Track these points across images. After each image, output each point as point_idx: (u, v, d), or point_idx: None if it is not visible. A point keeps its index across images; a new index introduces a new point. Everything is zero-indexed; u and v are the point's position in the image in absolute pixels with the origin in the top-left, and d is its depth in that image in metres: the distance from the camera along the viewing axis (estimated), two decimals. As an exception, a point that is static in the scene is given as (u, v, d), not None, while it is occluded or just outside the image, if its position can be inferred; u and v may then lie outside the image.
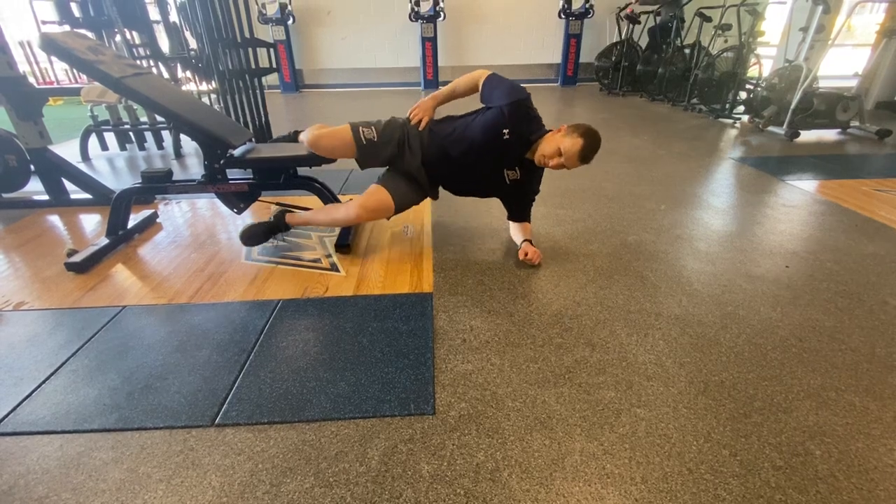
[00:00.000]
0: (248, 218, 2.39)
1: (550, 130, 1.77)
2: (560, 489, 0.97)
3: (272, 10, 6.48)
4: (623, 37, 6.31)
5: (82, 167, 3.19)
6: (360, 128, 1.87)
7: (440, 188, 2.04)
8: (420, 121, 1.88)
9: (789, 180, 2.88)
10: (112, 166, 3.46)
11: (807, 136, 3.96)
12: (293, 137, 2.20)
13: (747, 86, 4.62)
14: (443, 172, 1.92)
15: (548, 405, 1.19)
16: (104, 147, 3.81)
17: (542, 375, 1.29)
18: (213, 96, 3.91)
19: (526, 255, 1.85)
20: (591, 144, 1.66)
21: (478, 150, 1.80)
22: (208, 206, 2.59)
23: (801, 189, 2.74)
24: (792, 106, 3.87)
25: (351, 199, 1.90)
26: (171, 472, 1.02)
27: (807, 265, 1.87)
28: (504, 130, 1.74)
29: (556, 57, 7.38)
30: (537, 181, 1.96)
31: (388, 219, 2.04)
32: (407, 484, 0.98)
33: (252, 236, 1.93)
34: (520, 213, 2.01)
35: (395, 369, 1.31)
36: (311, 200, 2.17)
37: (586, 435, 1.10)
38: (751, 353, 1.38)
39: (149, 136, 3.91)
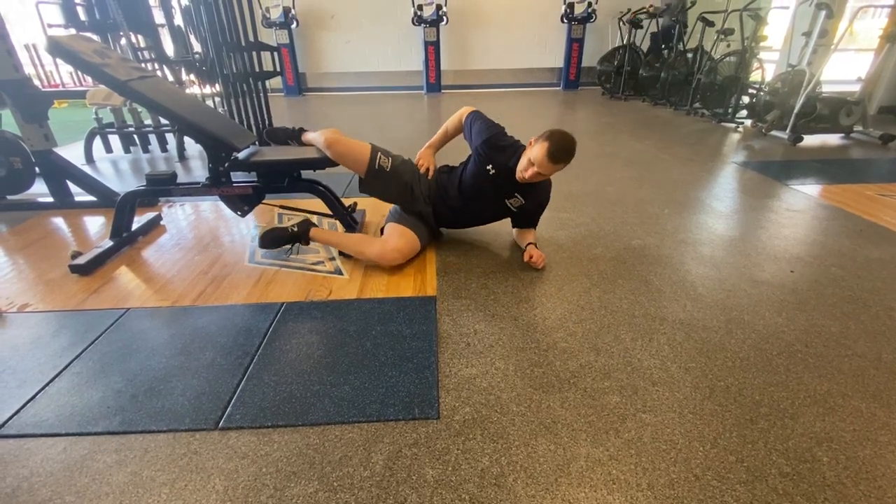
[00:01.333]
0: (250, 220, 2.40)
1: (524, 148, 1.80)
2: (566, 495, 0.97)
3: (276, 13, 6.51)
4: (625, 41, 6.32)
5: (87, 169, 3.19)
6: (380, 153, 1.94)
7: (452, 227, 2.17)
8: (428, 170, 2.00)
9: (793, 185, 2.88)
10: (116, 169, 3.47)
11: (810, 140, 3.96)
12: (297, 134, 2.20)
13: (750, 90, 4.62)
14: (451, 218, 2.04)
15: (553, 410, 1.18)
16: (108, 149, 3.83)
17: (546, 380, 1.29)
18: (217, 99, 3.93)
19: (531, 257, 1.85)
20: (556, 144, 1.65)
21: (475, 193, 1.91)
22: (212, 208, 2.60)
23: (805, 193, 2.73)
24: (795, 110, 3.86)
25: (380, 237, 1.95)
26: (174, 476, 1.01)
27: (811, 270, 1.86)
28: (488, 167, 1.84)
29: (559, 61, 7.40)
30: (543, 195, 1.97)
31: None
32: (411, 489, 0.98)
33: (272, 240, 1.91)
34: (527, 223, 2.04)
35: (398, 373, 1.31)
36: (315, 203, 2.17)
37: (592, 440, 1.09)
38: (756, 358, 1.37)
39: (153, 138, 3.93)
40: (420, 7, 6.57)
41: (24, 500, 0.97)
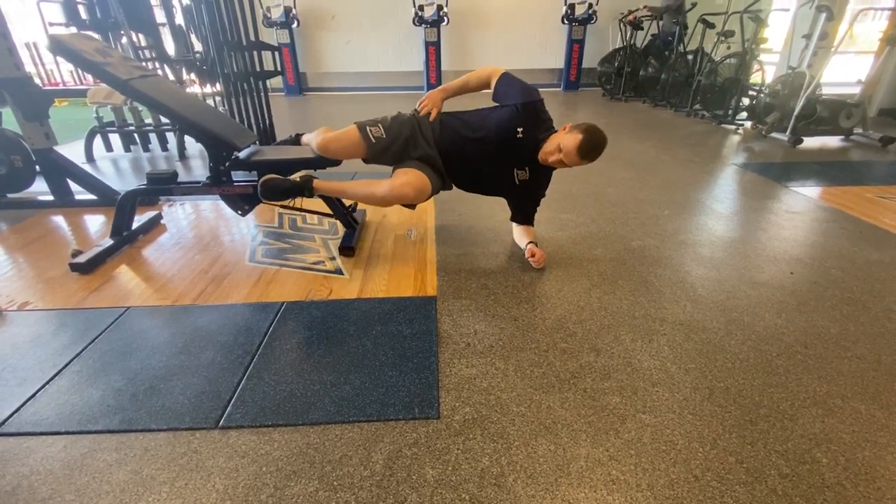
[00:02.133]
0: (251, 219, 2.40)
1: (556, 131, 1.78)
2: (565, 495, 0.97)
3: (277, 13, 6.51)
4: (626, 43, 6.32)
5: (87, 168, 3.19)
6: (368, 127, 1.87)
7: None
8: (429, 112, 1.89)
9: (793, 186, 2.88)
10: (116, 167, 3.47)
11: (810, 142, 3.97)
12: (296, 140, 2.21)
13: (750, 92, 4.63)
14: (455, 165, 1.92)
15: (553, 410, 1.18)
16: (109, 148, 3.82)
17: (546, 380, 1.29)
18: (218, 99, 3.93)
19: (532, 255, 1.85)
20: (590, 140, 1.64)
21: (491, 146, 1.81)
22: (212, 207, 2.60)
23: (805, 195, 2.73)
24: (795, 112, 3.87)
25: (387, 178, 1.83)
26: (174, 475, 1.01)
27: (811, 272, 1.87)
28: (518, 129, 1.76)
29: (559, 62, 7.41)
30: (544, 185, 1.96)
31: (414, 207, 1.97)
32: (411, 488, 0.98)
33: (271, 188, 1.80)
34: (524, 215, 2.02)
35: (399, 373, 1.31)
36: (316, 203, 2.17)
37: (592, 441, 1.10)
38: (756, 359, 1.37)
39: (153, 137, 3.93)
40: (421, 7, 6.58)
41: (24, 498, 0.97)
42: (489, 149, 1.82)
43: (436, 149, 1.88)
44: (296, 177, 1.84)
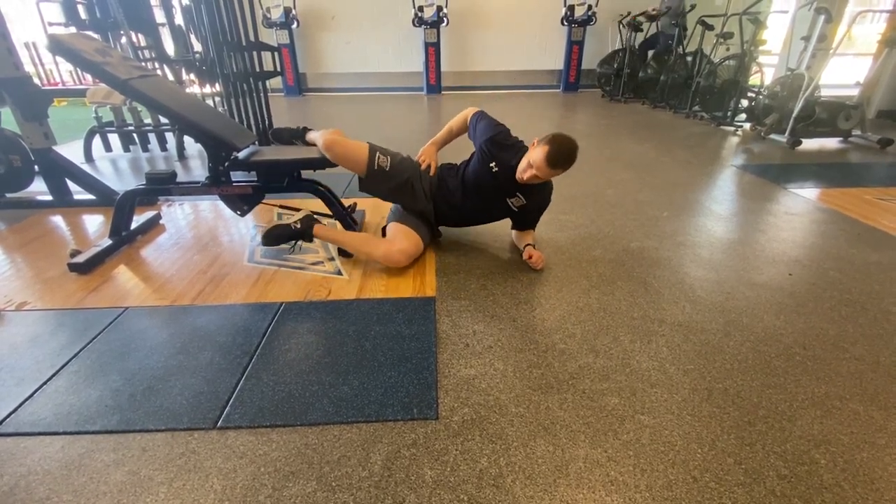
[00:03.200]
0: (250, 220, 2.39)
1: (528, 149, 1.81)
2: (564, 496, 0.97)
3: (277, 13, 6.51)
4: (625, 44, 6.34)
5: (86, 168, 3.19)
6: (378, 153, 1.92)
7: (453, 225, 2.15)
8: (429, 166, 1.99)
9: (791, 188, 2.89)
10: (115, 167, 3.47)
11: (809, 144, 3.97)
12: (301, 133, 2.21)
13: (749, 94, 4.63)
14: (452, 216, 2.02)
15: (551, 411, 1.18)
16: (108, 148, 3.82)
17: (545, 381, 1.29)
18: (218, 99, 3.94)
19: (530, 257, 1.86)
20: (556, 149, 1.65)
21: (477, 192, 1.90)
22: (211, 207, 2.59)
23: (804, 197, 2.74)
24: (794, 114, 3.88)
25: (384, 238, 1.94)
26: (172, 475, 1.01)
27: (810, 273, 1.87)
28: (491, 164, 1.83)
29: (559, 63, 7.41)
30: (547, 197, 1.98)
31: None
32: (410, 489, 0.98)
33: (275, 237, 1.86)
34: (529, 226, 2.05)
35: (397, 373, 1.31)
36: (315, 203, 2.17)
37: (590, 441, 1.10)
38: (755, 360, 1.37)
39: (152, 137, 3.92)
40: (421, 8, 6.58)
41: (21, 499, 0.96)
42: (474, 190, 1.90)
43: (431, 203, 1.97)
44: (296, 221, 1.90)
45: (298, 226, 1.89)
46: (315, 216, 1.98)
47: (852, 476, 1.01)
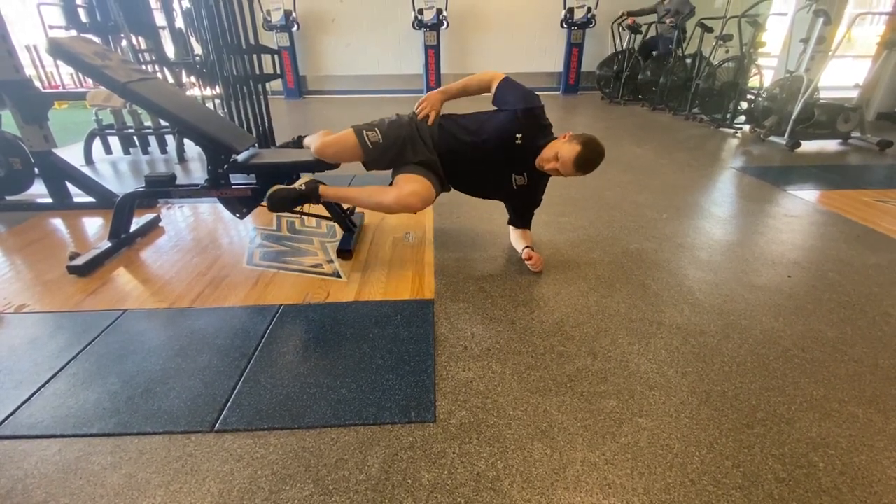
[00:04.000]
0: (249, 222, 2.40)
1: (556, 138, 1.77)
2: (561, 499, 0.96)
3: (277, 16, 6.53)
4: (625, 46, 6.35)
5: (86, 170, 3.19)
6: (364, 132, 1.84)
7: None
8: (427, 116, 1.87)
9: (791, 190, 2.89)
10: (115, 170, 3.47)
11: (808, 146, 3.97)
12: (298, 143, 2.21)
13: (748, 96, 4.64)
14: (454, 168, 1.90)
15: (549, 414, 1.18)
16: (108, 151, 3.83)
17: (543, 384, 1.29)
18: (218, 102, 3.94)
19: (529, 258, 1.86)
20: (588, 153, 1.64)
21: (490, 151, 1.80)
22: (210, 210, 2.60)
23: (803, 199, 2.74)
24: (793, 116, 3.88)
25: (393, 186, 1.81)
26: (169, 478, 1.01)
27: (809, 275, 1.87)
28: (517, 135, 1.75)
29: (558, 65, 7.42)
30: (541, 191, 1.97)
31: (416, 212, 1.91)
32: (407, 492, 0.98)
33: (280, 200, 1.77)
34: (521, 219, 2.02)
35: (395, 376, 1.31)
36: (315, 206, 2.17)
37: (588, 444, 1.09)
38: (753, 363, 1.37)
39: (153, 140, 3.93)
40: (421, 11, 6.59)
41: (18, 502, 0.96)
42: (488, 154, 1.81)
43: (435, 153, 1.87)
44: (301, 184, 1.82)
45: (304, 188, 1.81)
46: (317, 178, 1.89)
47: (851, 479, 1.01)
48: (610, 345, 1.45)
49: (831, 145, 4.08)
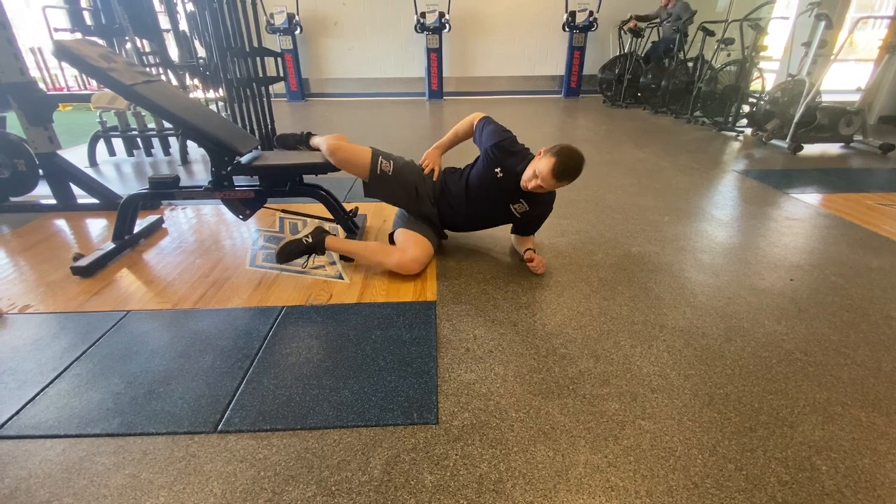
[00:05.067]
0: (252, 224, 2.40)
1: (534, 156, 1.81)
2: (564, 501, 0.96)
3: (280, 19, 6.57)
4: (626, 50, 6.36)
5: (90, 172, 3.21)
6: (380, 158, 1.93)
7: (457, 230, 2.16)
8: (433, 171, 1.98)
9: (793, 193, 2.89)
10: (119, 172, 3.49)
11: (810, 149, 3.98)
12: (305, 139, 2.22)
13: (750, 99, 4.64)
14: (452, 218, 2.00)
15: (552, 416, 1.18)
16: (112, 152, 3.85)
17: (545, 386, 1.29)
18: (221, 104, 3.96)
19: (531, 260, 1.86)
20: (563, 162, 1.66)
21: (481, 195, 1.90)
22: (214, 212, 2.61)
23: (805, 202, 2.74)
24: (795, 119, 3.88)
25: (396, 248, 1.90)
26: (172, 479, 1.01)
27: (811, 279, 1.87)
28: (496, 170, 1.84)
29: (560, 69, 7.45)
30: (549, 204, 1.98)
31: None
32: (409, 494, 0.98)
33: (287, 254, 1.87)
34: (530, 232, 2.05)
35: (398, 378, 1.31)
36: (317, 208, 2.18)
37: (590, 447, 1.09)
38: (756, 366, 1.37)
39: (156, 142, 3.95)
40: (423, 15, 6.63)
41: (22, 502, 0.97)
42: (479, 196, 1.90)
43: (436, 207, 1.97)
44: (307, 236, 1.90)
45: (310, 240, 1.89)
46: (324, 228, 1.98)
47: (854, 482, 1.01)
48: (612, 347, 1.45)
49: (833, 149, 4.08)
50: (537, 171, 1.69)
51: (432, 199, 1.97)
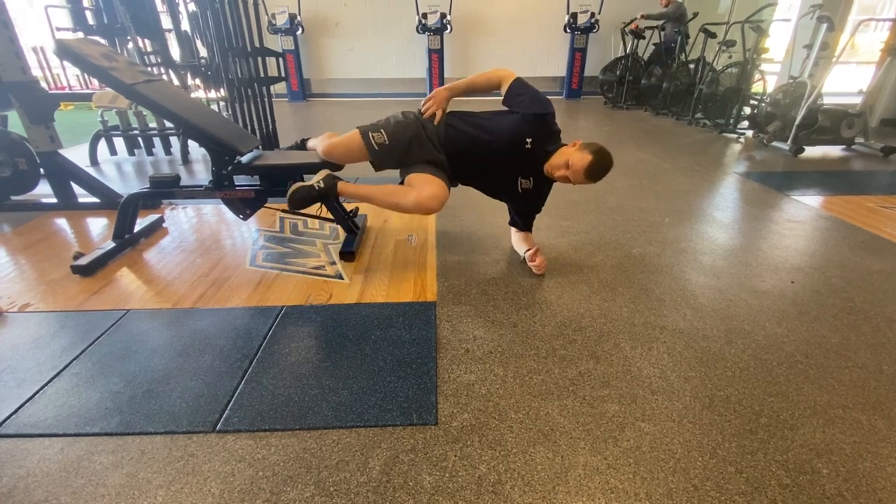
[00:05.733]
0: (252, 224, 2.40)
1: (566, 144, 1.78)
2: (563, 503, 0.96)
3: (282, 20, 6.58)
4: (628, 51, 6.36)
5: (91, 171, 3.22)
6: (370, 133, 1.83)
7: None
8: (434, 115, 1.85)
9: (794, 195, 2.88)
10: (120, 171, 3.49)
11: (811, 151, 3.97)
12: (301, 145, 2.23)
13: (752, 101, 4.64)
14: (461, 165, 1.88)
15: (551, 417, 1.18)
16: (113, 152, 3.85)
17: (545, 387, 1.28)
18: (222, 104, 3.96)
19: (533, 260, 1.85)
20: (599, 162, 1.64)
21: (499, 151, 1.79)
22: (214, 211, 2.61)
23: (806, 204, 2.73)
24: (796, 122, 3.88)
25: (411, 187, 1.79)
26: (171, 478, 1.01)
27: (812, 281, 1.86)
28: (528, 139, 1.74)
29: (561, 70, 7.45)
30: (543, 198, 1.97)
31: (432, 214, 1.92)
32: (408, 495, 0.97)
33: (300, 199, 1.80)
34: (523, 221, 2.03)
35: (397, 378, 1.31)
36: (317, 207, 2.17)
37: (590, 448, 1.09)
38: (756, 368, 1.36)
39: (157, 141, 3.95)
40: (424, 15, 6.64)
41: (20, 501, 0.96)
42: (497, 154, 1.80)
43: (443, 151, 1.86)
44: (318, 181, 1.81)
45: (322, 185, 1.81)
46: (335, 175, 1.89)
47: (855, 486, 1.00)
48: (612, 349, 1.45)
49: (835, 151, 4.08)
50: (571, 163, 1.65)
51: (438, 146, 1.85)
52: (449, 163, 1.87)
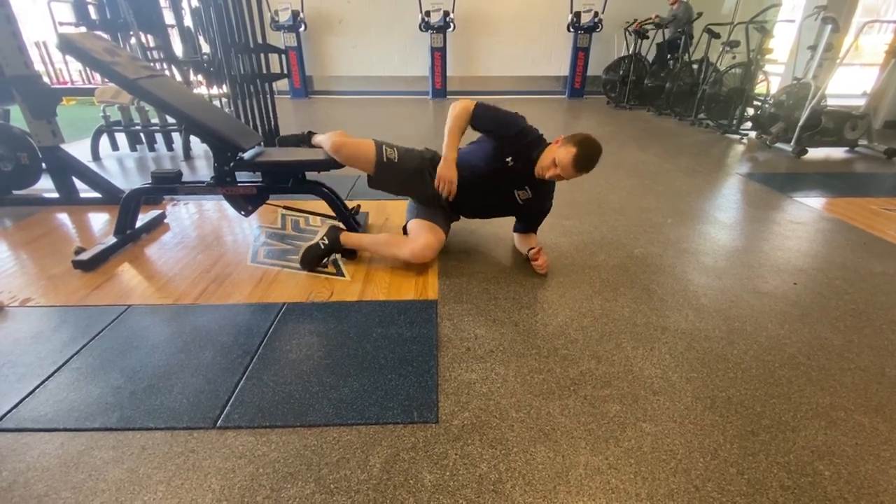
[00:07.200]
0: (254, 220, 2.40)
1: (549, 143, 1.78)
2: (564, 503, 0.96)
3: (285, 17, 6.57)
4: (631, 51, 6.35)
5: (93, 166, 3.21)
6: (385, 147, 1.91)
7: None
8: (449, 191, 1.82)
9: (797, 197, 2.87)
10: (122, 166, 3.49)
11: (814, 153, 3.96)
12: (307, 138, 2.22)
13: (755, 102, 4.63)
14: (459, 200, 1.91)
15: (552, 417, 1.18)
16: (115, 147, 3.85)
17: (546, 387, 1.28)
18: (225, 100, 3.96)
19: (536, 259, 1.85)
20: (584, 152, 1.64)
21: (485, 179, 1.86)
22: (216, 207, 2.60)
23: (809, 206, 2.72)
24: (800, 123, 3.87)
25: (408, 238, 1.90)
26: (171, 474, 1.01)
27: (815, 282, 1.86)
28: (507, 158, 1.80)
29: (564, 69, 7.44)
30: (549, 197, 1.97)
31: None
32: (408, 493, 0.97)
33: (311, 261, 1.87)
34: (531, 226, 2.04)
35: (398, 376, 1.31)
36: (319, 205, 2.17)
37: (591, 448, 1.09)
38: (758, 369, 1.36)
39: (159, 137, 3.95)
40: (427, 13, 6.62)
41: (19, 495, 0.96)
42: (484, 183, 1.86)
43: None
44: (322, 238, 1.89)
45: (326, 241, 1.89)
46: (337, 226, 1.98)
47: (856, 488, 1.00)
48: (614, 349, 1.45)
49: (838, 153, 4.07)
50: (558, 160, 1.67)
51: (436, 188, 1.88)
52: (447, 201, 1.92)
